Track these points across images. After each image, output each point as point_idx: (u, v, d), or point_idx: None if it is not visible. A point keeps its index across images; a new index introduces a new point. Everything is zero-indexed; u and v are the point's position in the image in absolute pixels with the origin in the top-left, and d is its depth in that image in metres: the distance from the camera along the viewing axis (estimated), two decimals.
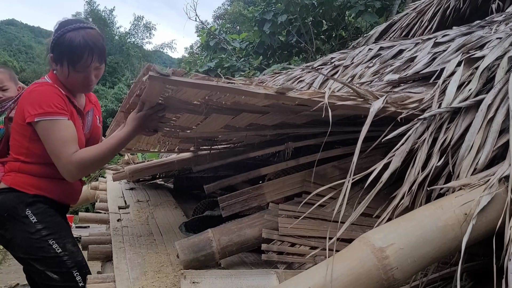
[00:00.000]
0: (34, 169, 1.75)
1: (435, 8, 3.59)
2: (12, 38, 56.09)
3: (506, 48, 1.51)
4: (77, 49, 1.64)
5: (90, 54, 1.67)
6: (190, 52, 30.90)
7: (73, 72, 1.69)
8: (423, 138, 1.29)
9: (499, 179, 1.09)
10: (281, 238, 1.60)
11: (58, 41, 1.66)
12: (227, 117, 1.62)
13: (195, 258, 1.49)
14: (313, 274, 0.92)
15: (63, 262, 1.70)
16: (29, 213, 1.70)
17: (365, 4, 7.80)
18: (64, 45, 1.65)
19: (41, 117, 1.61)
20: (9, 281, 5.64)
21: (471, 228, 0.98)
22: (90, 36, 1.67)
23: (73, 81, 1.73)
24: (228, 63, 9.96)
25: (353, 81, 2.45)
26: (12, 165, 1.76)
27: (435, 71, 1.64)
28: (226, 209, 1.73)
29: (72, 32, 1.65)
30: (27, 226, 1.69)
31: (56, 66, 1.72)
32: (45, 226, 1.71)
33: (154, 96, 1.46)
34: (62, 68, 1.70)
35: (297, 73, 3.48)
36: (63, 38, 1.65)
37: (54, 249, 1.69)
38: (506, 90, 1.30)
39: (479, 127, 1.26)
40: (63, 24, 1.68)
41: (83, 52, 1.65)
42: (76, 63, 1.67)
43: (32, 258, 1.69)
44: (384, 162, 1.20)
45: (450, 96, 1.40)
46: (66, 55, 1.66)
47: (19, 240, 1.70)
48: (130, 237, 1.95)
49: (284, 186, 1.75)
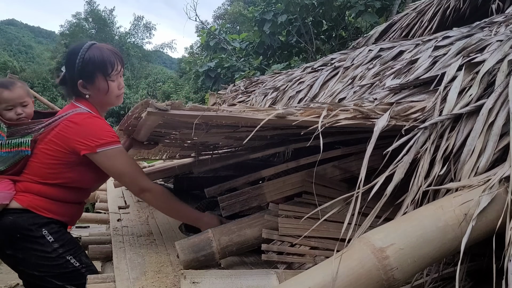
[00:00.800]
0: (54, 192, 1.78)
1: (435, 8, 3.59)
2: (12, 38, 56.12)
3: (506, 51, 1.51)
4: (108, 58, 1.76)
5: (117, 59, 1.80)
6: (190, 52, 30.92)
7: (111, 84, 1.80)
8: (425, 147, 1.29)
9: (500, 180, 1.09)
10: (281, 238, 1.60)
11: (84, 62, 1.74)
12: (227, 130, 1.62)
13: (195, 258, 1.49)
14: (313, 274, 0.92)
15: (82, 274, 1.75)
16: (45, 233, 1.73)
17: (365, 4, 7.81)
18: (92, 61, 1.74)
19: (103, 147, 1.67)
20: (9, 281, 5.65)
21: (471, 228, 0.98)
22: (109, 47, 1.82)
23: (110, 94, 1.83)
24: (228, 63, 9.97)
25: (354, 83, 2.45)
26: (29, 186, 1.76)
27: (436, 75, 1.64)
28: (226, 209, 1.73)
29: (90, 50, 1.76)
30: (43, 246, 1.72)
31: (88, 89, 1.80)
32: (62, 244, 1.76)
33: (152, 126, 1.47)
34: (97, 85, 1.79)
35: (297, 73, 3.48)
36: (87, 58, 1.74)
37: (72, 264, 1.76)
38: (507, 94, 1.30)
39: (480, 131, 1.26)
40: (76, 50, 1.76)
41: (113, 60, 1.78)
42: (110, 72, 1.78)
43: (50, 275, 1.73)
44: (386, 175, 1.21)
45: (451, 103, 1.39)
46: (98, 69, 1.76)
47: (35, 259, 1.72)
48: (130, 237, 1.95)
49: (284, 186, 1.75)
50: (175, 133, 1.78)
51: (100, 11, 39.95)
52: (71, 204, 1.86)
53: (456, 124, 1.35)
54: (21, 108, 1.88)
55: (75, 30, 37.39)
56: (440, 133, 1.33)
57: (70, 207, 1.86)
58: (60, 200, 1.79)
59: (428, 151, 1.27)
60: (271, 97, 3.40)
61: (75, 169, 1.76)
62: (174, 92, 22.90)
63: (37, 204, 1.75)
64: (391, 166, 1.25)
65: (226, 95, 4.57)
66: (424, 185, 1.21)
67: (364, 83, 2.25)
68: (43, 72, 31.11)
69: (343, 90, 2.45)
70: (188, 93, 20.14)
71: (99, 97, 1.82)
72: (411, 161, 1.26)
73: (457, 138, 1.30)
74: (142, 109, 1.38)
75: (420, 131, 1.33)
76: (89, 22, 39.39)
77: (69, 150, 1.71)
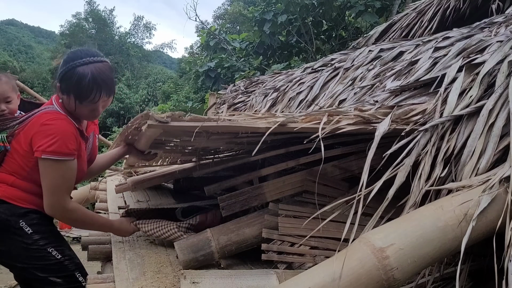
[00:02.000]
0: (28, 187, 1.75)
1: (435, 8, 3.59)
2: (12, 38, 56.09)
3: (506, 52, 1.51)
4: (86, 87, 1.64)
5: (98, 91, 1.67)
6: (190, 52, 30.90)
7: (79, 106, 1.69)
8: (426, 149, 1.29)
9: (500, 180, 1.09)
10: (281, 238, 1.60)
11: (66, 75, 1.66)
12: (228, 136, 1.63)
13: (194, 258, 1.49)
14: (313, 274, 0.92)
15: (65, 267, 1.74)
16: (23, 225, 1.70)
17: (365, 4, 7.81)
18: (72, 80, 1.64)
19: (48, 155, 1.62)
20: (9, 281, 5.63)
21: (471, 229, 0.98)
22: (99, 72, 1.66)
23: (79, 112, 1.74)
24: (228, 63, 9.97)
25: (354, 84, 2.45)
26: (5, 177, 1.74)
27: (436, 77, 1.64)
28: (226, 209, 1.73)
29: (81, 67, 1.64)
30: (23, 237, 1.70)
31: (63, 95, 1.72)
32: (42, 236, 1.73)
33: (153, 136, 1.49)
34: (69, 100, 1.70)
35: (297, 74, 3.48)
36: (71, 72, 1.64)
37: (54, 256, 1.73)
38: (507, 95, 1.30)
39: (481, 132, 1.26)
40: (72, 57, 1.67)
41: (91, 90, 1.65)
42: (83, 100, 1.67)
43: (33, 267, 1.71)
44: (385, 178, 1.21)
45: (451, 105, 1.40)
46: (73, 91, 1.66)
47: (17, 251, 1.71)
48: (130, 238, 1.95)
49: (284, 185, 1.75)
50: (176, 141, 1.79)
51: (100, 11, 39.92)
52: None
53: (457, 125, 1.35)
54: (4, 104, 1.85)
55: (75, 30, 37.34)
56: (441, 135, 1.33)
57: None
58: (34, 194, 1.75)
59: (429, 153, 1.27)
60: (272, 97, 3.40)
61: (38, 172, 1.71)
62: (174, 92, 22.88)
63: (12, 194, 1.72)
64: (392, 168, 1.25)
65: (226, 95, 4.57)
66: (425, 187, 1.21)
67: (365, 85, 2.25)
68: (43, 72, 31.10)
69: (343, 91, 2.45)
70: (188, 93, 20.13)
71: (69, 107, 1.74)
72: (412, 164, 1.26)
73: (457, 139, 1.30)
74: (142, 121, 1.37)
75: (421, 133, 1.33)
76: (89, 22, 39.35)
77: (30, 149, 1.68)
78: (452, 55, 1.80)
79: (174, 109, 15.36)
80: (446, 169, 1.24)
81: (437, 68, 1.79)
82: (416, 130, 1.36)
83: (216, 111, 4.50)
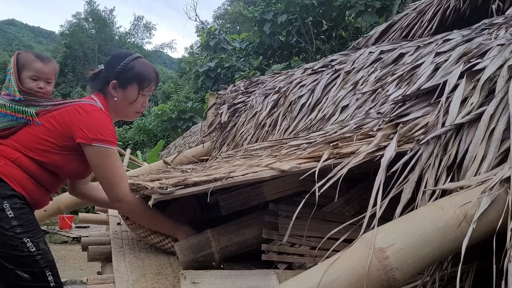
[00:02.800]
0: (32, 167, 1.71)
1: (435, 8, 3.59)
2: (12, 38, 56.05)
3: (506, 57, 1.51)
4: (148, 73, 1.88)
5: (155, 80, 1.91)
6: (190, 52, 30.92)
7: (140, 95, 1.87)
8: (429, 162, 1.29)
9: (500, 181, 1.09)
10: (281, 238, 1.60)
11: (126, 67, 1.84)
12: None
13: (195, 259, 1.49)
14: (313, 275, 0.92)
15: (36, 262, 1.62)
16: (6, 207, 1.61)
17: (365, 4, 7.81)
18: (134, 70, 1.85)
19: (100, 143, 1.68)
20: None
21: (471, 229, 0.98)
22: (152, 66, 1.95)
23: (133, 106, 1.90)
24: (228, 63, 9.98)
25: (356, 89, 2.45)
26: (8, 152, 1.70)
27: (437, 84, 1.64)
28: (225, 208, 1.72)
29: (137, 60, 1.88)
30: (1, 220, 1.59)
31: (117, 92, 1.85)
32: (21, 223, 1.62)
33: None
34: (127, 92, 1.85)
35: (297, 75, 3.48)
36: (131, 65, 1.85)
37: (28, 248, 1.61)
38: (507, 100, 1.31)
39: (482, 138, 1.26)
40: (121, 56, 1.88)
41: (153, 77, 1.89)
42: (145, 87, 1.87)
43: (2, 255, 1.59)
44: (390, 196, 1.21)
45: (453, 114, 1.39)
46: (136, 79, 1.85)
47: None
48: (130, 241, 1.95)
49: (284, 185, 1.75)
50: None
51: (100, 11, 39.94)
52: (40, 187, 1.76)
53: (459, 133, 1.35)
54: (44, 83, 1.89)
55: (75, 30, 37.32)
56: (444, 145, 1.33)
57: (38, 189, 1.76)
58: (33, 177, 1.72)
59: (432, 166, 1.27)
60: (272, 99, 3.39)
61: (62, 154, 1.73)
62: (174, 92, 22.89)
63: (9, 171, 1.67)
64: (398, 185, 1.25)
65: (226, 95, 4.57)
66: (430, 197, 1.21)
67: (366, 90, 2.25)
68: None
69: (345, 97, 2.44)
70: (188, 93, 20.13)
71: (121, 104, 1.86)
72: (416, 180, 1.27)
73: (459, 147, 1.30)
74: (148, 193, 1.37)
75: (423, 146, 1.33)
76: (89, 22, 39.35)
77: (67, 133, 1.69)
78: (453, 60, 1.80)
79: (174, 109, 15.35)
80: (449, 178, 1.24)
81: (438, 74, 1.79)
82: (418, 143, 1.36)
83: (216, 111, 4.50)
